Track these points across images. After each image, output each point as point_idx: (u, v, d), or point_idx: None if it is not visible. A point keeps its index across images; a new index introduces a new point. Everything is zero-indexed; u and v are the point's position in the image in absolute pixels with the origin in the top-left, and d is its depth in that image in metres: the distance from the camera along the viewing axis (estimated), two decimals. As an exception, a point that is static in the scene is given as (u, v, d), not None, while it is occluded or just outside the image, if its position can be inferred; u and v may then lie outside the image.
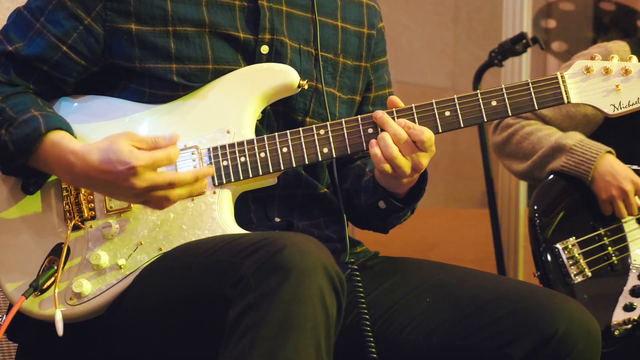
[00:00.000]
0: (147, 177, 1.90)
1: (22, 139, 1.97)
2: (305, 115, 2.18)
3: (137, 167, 1.88)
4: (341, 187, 2.22)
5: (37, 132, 1.96)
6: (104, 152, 1.90)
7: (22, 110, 1.99)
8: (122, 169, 1.89)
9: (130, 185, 1.90)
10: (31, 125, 1.97)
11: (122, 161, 1.89)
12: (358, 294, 2.05)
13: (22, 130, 1.97)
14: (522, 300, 2.00)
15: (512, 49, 3.96)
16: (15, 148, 1.97)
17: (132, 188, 1.90)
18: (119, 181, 1.90)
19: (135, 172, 1.89)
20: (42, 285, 1.99)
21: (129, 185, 1.90)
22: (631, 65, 2.08)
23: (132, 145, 1.91)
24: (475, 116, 2.06)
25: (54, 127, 1.98)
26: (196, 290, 1.87)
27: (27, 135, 1.96)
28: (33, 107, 2.01)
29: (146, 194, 1.92)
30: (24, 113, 1.99)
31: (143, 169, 1.89)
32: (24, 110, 1.99)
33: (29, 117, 1.98)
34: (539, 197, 2.97)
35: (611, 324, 2.81)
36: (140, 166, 1.89)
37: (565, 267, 2.85)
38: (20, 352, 2.14)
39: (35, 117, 1.98)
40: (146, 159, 1.89)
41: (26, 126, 1.97)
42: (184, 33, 2.08)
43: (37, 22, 2.07)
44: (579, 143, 2.96)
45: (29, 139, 1.96)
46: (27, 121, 1.97)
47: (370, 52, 2.31)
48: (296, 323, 1.70)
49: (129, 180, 1.89)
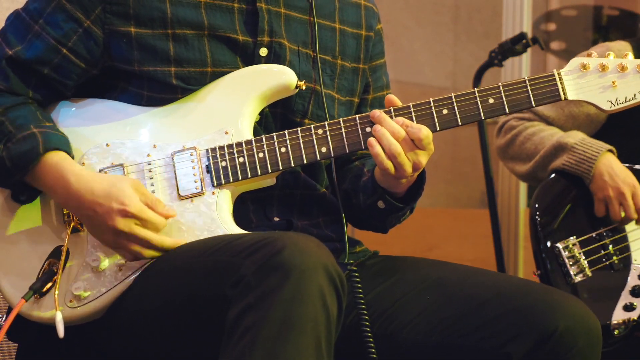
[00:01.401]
0: (131, 225, 1.94)
1: (19, 156, 1.98)
2: (303, 117, 2.18)
3: (128, 211, 1.93)
4: (339, 188, 2.23)
5: (35, 151, 1.97)
6: (108, 185, 1.95)
7: (21, 126, 2.00)
8: (114, 207, 1.93)
9: (113, 224, 1.94)
10: (30, 142, 1.98)
11: (119, 200, 1.93)
12: (357, 294, 2.05)
13: (20, 147, 1.98)
14: (522, 298, 2.00)
15: (512, 49, 3.96)
16: (12, 165, 1.98)
17: (114, 227, 1.94)
18: (105, 216, 1.94)
19: (125, 214, 1.93)
20: (42, 288, 1.99)
21: (112, 224, 1.94)
22: (627, 61, 2.09)
23: (135, 192, 1.95)
24: (473, 114, 2.06)
25: (52, 147, 1.99)
26: (196, 290, 1.87)
27: (25, 154, 1.98)
28: (32, 122, 2.01)
29: (122, 239, 1.95)
30: (23, 129, 1.99)
31: (131, 216, 1.94)
32: (23, 126, 2.00)
33: (27, 134, 1.99)
34: (540, 196, 2.97)
35: (611, 324, 2.81)
36: (132, 212, 1.93)
37: (565, 266, 2.85)
38: (20, 353, 2.14)
39: (34, 135, 1.99)
40: (140, 210, 1.94)
41: (24, 144, 1.98)
42: (183, 36, 2.08)
43: (36, 24, 2.07)
44: (581, 142, 2.96)
45: (26, 158, 1.98)
46: (25, 139, 1.98)
47: (368, 54, 2.31)
48: (297, 323, 1.70)
49: (115, 219, 1.93)
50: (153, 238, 1.96)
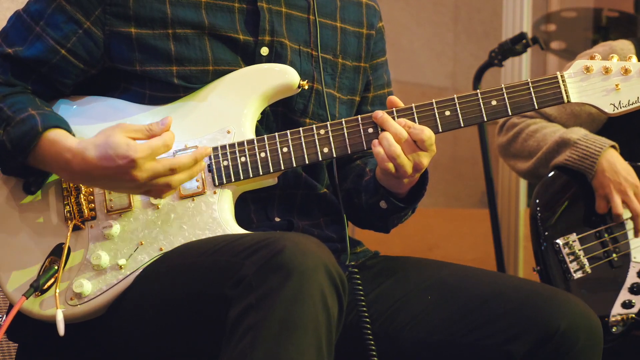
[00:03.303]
0: (148, 167, 1.90)
1: (19, 137, 1.97)
2: (305, 116, 2.18)
3: (136, 159, 1.88)
4: (341, 187, 2.23)
5: (35, 130, 1.96)
6: (101, 148, 1.90)
7: (19, 109, 1.99)
8: (122, 163, 1.89)
9: (131, 178, 1.90)
10: (28, 123, 1.97)
11: (121, 155, 1.88)
12: (358, 294, 2.05)
13: (19, 129, 1.97)
14: (524, 297, 2.00)
15: (512, 49, 3.97)
16: (12, 147, 1.97)
17: (134, 180, 1.90)
18: (119, 174, 1.90)
19: (136, 164, 1.88)
20: (43, 285, 1.99)
21: (130, 178, 1.90)
22: (631, 64, 2.09)
23: (128, 137, 1.90)
24: (476, 116, 2.07)
25: (51, 125, 1.98)
26: (197, 290, 1.87)
27: (25, 134, 1.96)
28: (30, 106, 2.01)
29: (148, 183, 1.91)
30: (22, 112, 1.99)
31: (143, 160, 1.89)
32: (22, 109, 1.99)
33: (26, 115, 1.98)
34: (541, 192, 2.97)
35: (609, 321, 2.81)
36: (140, 157, 1.88)
37: (565, 262, 2.85)
38: (21, 352, 2.14)
39: (33, 116, 1.98)
40: (144, 149, 1.89)
41: (23, 125, 1.97)
42: (183, 35, 2.08)
43: (37, 25, 2.07)
44: (584, 137, 2.96)
45: (26, 138, 1.96)
46: (24, 120, 1.97)
47: (369, 52, 2.31)
48: (297, 323, 1.69)
49: (130, 173, 1.89)
50: (173, 163, 1.91)
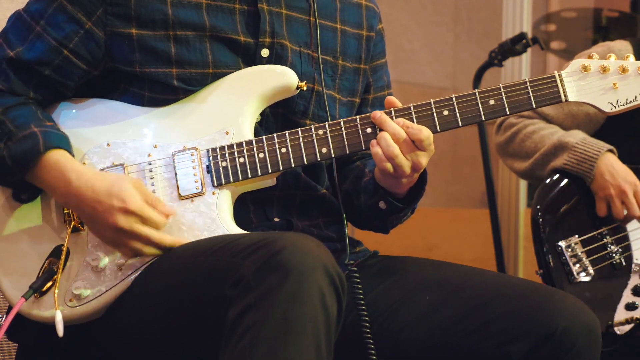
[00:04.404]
0: (132, 222, 1.94)
1: (20, 155, 1.98)
2: (305, 117, 2.18)
3: (129, 209, 1.93)
4: (340, 188, 2.23)
5: (36, 149, 1.97)
6: (109, 183, 1.95)
7: (22, 125, 2.00)
8: (115, 205, 1.93)
9: (114, 222, 1.93)
10: (30, 142, 1.98)
11: (120, 198, 1.93)
12: (357, 294, 2.05)
13: (20, 146, 1.98)
14: (522, 298, 2.00)
15: (512, 49, 3.97)
16: (13, 163, 1.98)
17: (115, 225, 1.93)
18: (106, 214, 1.94)
19: (126, 212, 1.93)
20: (42, 287, 1.99)
21: (113, 221, 1.93)
22: (628, 63, 2.09)
23: (136, 191, 1.95)
24: (474, 115, 2.07)
25: (53, 146, 1.99)
26: (196, 290, 1.87)
27: (25, 152, 1.97)
28: (33, 122, 2.01)
29: (123, 236, 1.95)
30: (24, 128, 1.99)
31: (132, 213, 1.93)
32: (24, 125, 2.00)
33: (28, 133, 1.99)
34: (542, 196, 2.97)
35: (613, 323, 2.81)
36: (132, 210, 1.93)
37: (568, 265, 2.85)
38: (20, 352, 2.15)
39: (35, 135, 1.99)
40: (140, 207, 1.94)
41: (25, 142, 1.98)
42: (184, 37, 2.08)
43: (37, 25, 2.07)
44: (582, 141, 2.96)
45: (27, 156, 1.98)
46: (26, 137, 1.98)
47: (369, 54, 2.31)
48: (296, 323, 1.70)
49: (115, 216, 1.93)
50: (153, 235, 1.96)
